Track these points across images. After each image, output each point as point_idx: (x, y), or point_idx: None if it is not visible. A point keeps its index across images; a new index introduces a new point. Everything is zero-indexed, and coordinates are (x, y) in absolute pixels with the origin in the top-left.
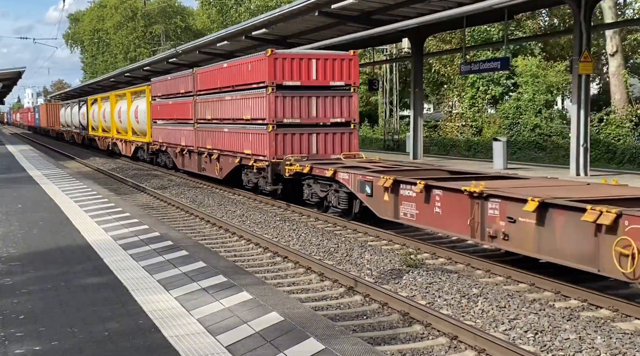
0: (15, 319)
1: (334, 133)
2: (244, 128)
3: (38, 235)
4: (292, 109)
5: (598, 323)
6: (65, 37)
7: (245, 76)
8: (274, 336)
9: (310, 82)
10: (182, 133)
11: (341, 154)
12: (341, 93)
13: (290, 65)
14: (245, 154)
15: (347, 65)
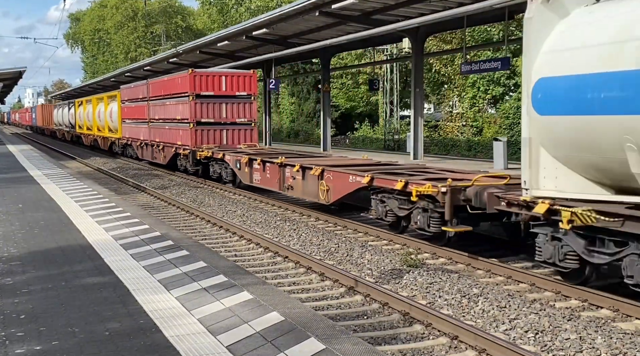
0: (16, 319)
1: (239, 129)
2: (177, 126)
3: (39, 235)
4: (207, 112)
5: (598, 323)
6: (65, 36)
7: (177, 87)
8: (275, 336)
9: (221, 92)
10: (141, 130)
11: (243, 144)
12: (244, 100)
13: (206, 80)
14: (178, 145)
15: (248, 80)
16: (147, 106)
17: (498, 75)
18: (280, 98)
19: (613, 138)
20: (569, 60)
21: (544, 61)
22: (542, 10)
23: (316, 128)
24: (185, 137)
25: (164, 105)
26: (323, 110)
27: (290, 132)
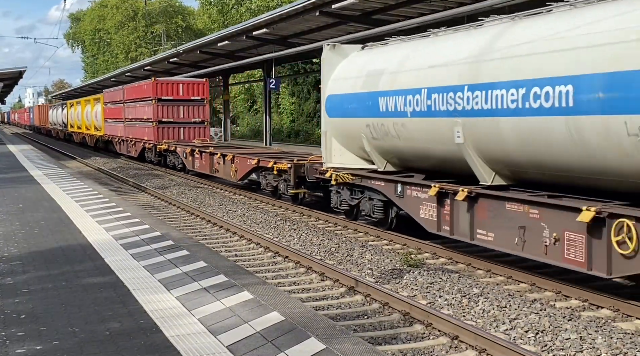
0: (16, 319)
1: (194, 127)
2: (144, 124)
3: (39, 235)
4: (167, 113)
5: (599, 323)
6: (66, 36)
7: (144, 92)
8: (275, 336)
9: (179, 97)
10: (118, 128)
11: (197, 140)
12: (198, 103)
13: (167, 86)
14: (145, 140)
15: (202, 87)
16: (122, 108)
17: None
18: (281, 98)
19: (358, 130)
20: (341, 85)
21: (331, 85)
22: (330, 54)
23: (316, 128)
24: (150, 133)
25: (135, 107)
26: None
27: (290, 132)
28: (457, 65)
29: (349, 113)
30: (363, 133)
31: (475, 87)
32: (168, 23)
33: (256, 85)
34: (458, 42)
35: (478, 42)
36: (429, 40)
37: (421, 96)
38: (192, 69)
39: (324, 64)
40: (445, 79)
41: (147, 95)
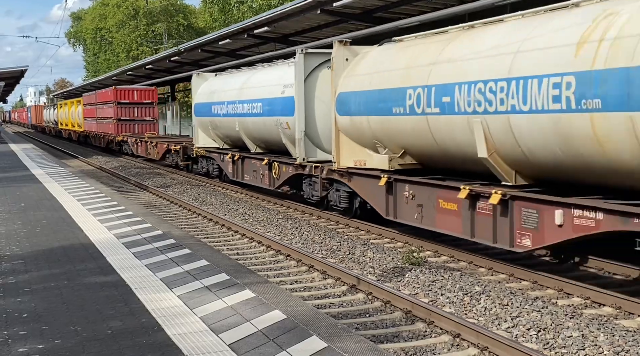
0: (18, 318)
1: (145, 123)
2: (109, 122)
3: (41, 234)
4: (125, 112)
5: (601, 320)
6: (67, 35)
7: (108, 97)
8: (277, 334)
9: (134, 100)
10: (93, 125)
11: (148, 133)
12: (148, 105)
13: (125, 92)
14: (109, 134)
15: (152, 93)
16: (95, 109)
17: None
18: None
19: (207, 124)
20: (203, 98)
21: (197, 98)
22: (196, 78)
23: None
24: (112, 128)
25: (103, 108)
26: None
27: None
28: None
29: (203, 115)
30: (210, 126)
31: None
32: (169, 22)
33: None
34: None
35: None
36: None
37: (236, 104)
38: (194, 67)
39: (193, 85)
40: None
41: (110, 99)
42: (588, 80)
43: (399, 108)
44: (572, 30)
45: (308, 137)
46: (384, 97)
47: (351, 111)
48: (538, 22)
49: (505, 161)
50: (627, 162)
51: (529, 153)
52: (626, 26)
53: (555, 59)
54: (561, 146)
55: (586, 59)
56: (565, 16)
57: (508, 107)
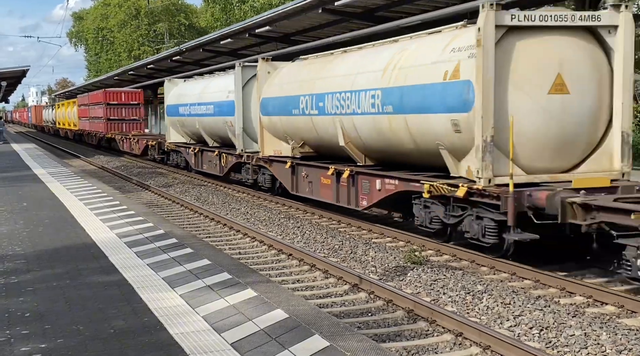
0: (20, 317)
1: (132, 123)
2: (99, 121)
3: (43, 234)
4: (114, 112)
5: (603, 319)
6: (69, 35)
7: (99, 99)
8: (279, 333)
9: (122, 101)
10: (86, 124)
11: (134, 131)
12: (135, 106)
13: (113, 94)
14: (100, 132)
15: (138, 95)
16: (88, 109)
17: None
18: None
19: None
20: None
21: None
22: (168, 84)
23: None
24: (102, 127)
25: (94, 108)
26: None
27: None
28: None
29: (172, 115)
30: (178, 124)
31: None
32: (171, 21)
33: None
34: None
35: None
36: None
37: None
38: (195, 67)
39: (166, 90)
40: None
41: (100, 101)
42: (387, 93)
43: (296, 110)
44: (382, 61)
45: (245, 132)
46: (288, 101)
47: (269, 112)
48: (370, 53)
49: (357, 148)
50: (407, 147)
51: (366, 143)
52: (404, 60)
53: (373, 79)
54: (378, 137)
55: (386, 79)
56: (383, 51)
57: (351, 110)
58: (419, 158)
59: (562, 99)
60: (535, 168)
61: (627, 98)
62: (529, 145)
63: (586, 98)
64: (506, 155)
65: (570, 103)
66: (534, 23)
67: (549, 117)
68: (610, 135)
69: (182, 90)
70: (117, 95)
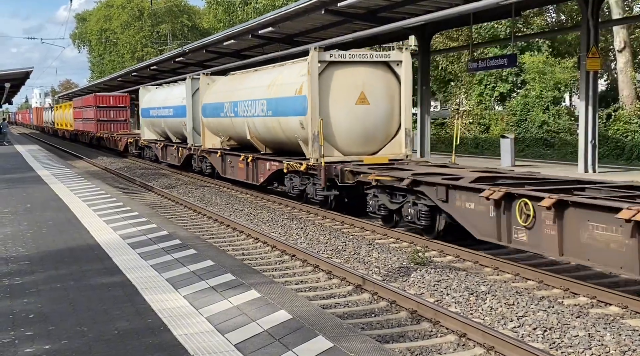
0: (25, 318)
1: (119, 123)
2: (91, 122)
3: (47, 235)
4: (104, 114)
5: (607, 320)
6: (72, 36)
7: (90, 102)
8: (283, 334)
9: (110, 104)
10: (80, 125)
11: (121, 131)
12: (122, 109)
13: (103, 98)
14: (92, 132)
15: (125, 98)
16: (82, 111)
17: (505, 72)
18: None
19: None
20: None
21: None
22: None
23: None
24: (93, 127)
25: (86, 110)
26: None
27: None
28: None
29: (145, 116)
30: (150, 124)
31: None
32: (174, 22)
33: None
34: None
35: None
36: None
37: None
38: (198, 68)
39: (140, 95)
40: None
41: (92, 104)
42: (269, 102)
43: (222, 113)
44: (268, 80)
45: (195, 130)
46: (218, 106)
47: (207, 114)
48: (263, 74)
49: (259, 140)
50: (283, 140)
51: (262, 137)
52: (279, 80)
53: (262, 92)
54: (267, 133)
55: (269, 93)
56: (270, 72)
57: (252, 114)
58: (291, 147)
59: (365, 108)
60: (349, 151)
61: (409, 108)
62: (344, 138)
63: (381, 108)
64: (330, 143)
65: (370, 111)
66: (345, 59)
67: (356, 120)
68: (400, 131)
69: (153, 96)
70: (106, 98)
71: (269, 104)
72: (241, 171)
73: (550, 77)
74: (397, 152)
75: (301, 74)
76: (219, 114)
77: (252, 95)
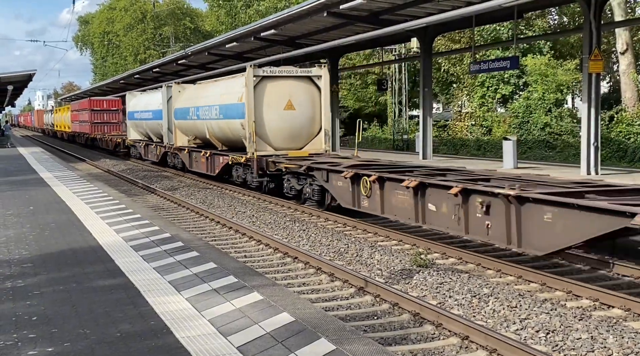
0: (27, 321)
1: (112, 125)
2: (86, 124)
3: (50, 237)
4: (97, 116)
5: (610, 322)
6: (74, 39)
7: (85, 105)
8: (285, 336)
9: (104, 108)
10: (77, 126)
11: (114, 132)
12: (114, 111)
13: (97, 102)
14: (87, 133)
15: (117, 102)
16: (78, 114)
17: (507, 74)
18: None
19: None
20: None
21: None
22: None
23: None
24: (88, 129)
25: (82, 113)
26: (332, 110)
27: None
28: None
29: (131, 118)
30: (135, 125)
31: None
32: (176, 25)
33: None
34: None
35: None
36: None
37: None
38: (201, 70)
39: (127, 99)
40: None
41: (87, 107)
42: (221, 107)
43: (189, 116)
44: (222, 89)
45: (169, 131)
46: (185, 111)
47: (178, 118)
48: (218, 83)
49: (216, 139)
50: (232, 139)
51: (217, 136)
52: (229, 89)
53: (217, 99)
54: (221, 133)
55: (221, 100)
56: (223, 82)
57: (209, 117)
58: (238, 144)
59: (291, 113)
60: (279, 147)
61: (327, 113)
62: (275, 136)
63: (305, 113)
64: (264, 141)
65: (295, 115)
66: (275, 74)
67: (284, 122)
68: (321, 132)
69: (137, 101)
70: (100, 102)
71: (220, 109)
72: (202, 164)
73: (552, 79)
74: (318, 148)
75: (242, 86)
76: (186, 117)
77: (209, 102)
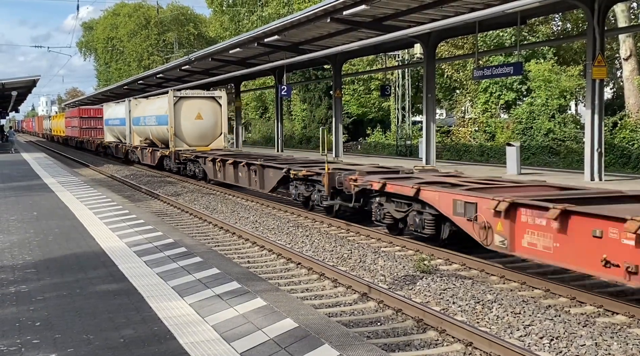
0: (31, 326)
1: (98, 130)
2: (76, 129)
3: (53, 242)
4: (87, 123)
5: (614, 329)
6: (78, 45)
7: (75, 113)
8: (289, 342)
9: (91, 115)
10: (69, 131)
11: (98, 136)
12: (99, 119)
13: (85, 110)
14: (77, 136)
15: (101, 110)
16: (70, 120)
17: (510, 80)
18: (292, 104)
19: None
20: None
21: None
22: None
23: (328, 134)
24: (78, 133)
25: (74, 120)
26: (335, 116)
27: (302, 138)
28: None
29: (107, 124)
30: (110, 130)
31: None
32: (180, 31)
33: (268, 92)
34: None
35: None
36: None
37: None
38: (204, 76)
39: (104, 109)
40: None
41: (77, 115)
42: (157, 117)
43: (140, 123)
44: (157, 103)
45: (130, 134)
46: (138, 119)
47: (134, 123)
48: (158, 100)
49: (156, 139)
50: (163, 138)
51: (156, 137)
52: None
53: (156, 111)
54: (159, 135)
55: (157, 111)
56: (159, 99)
57: (151, 123)
58: (167, 143)
59: (200, 121)
60: (192, 144)
61: (225, 121)
62: (188, 137)
63: (210, 121)
64: (181, 140)
65: (203, 123)
66: (189, 95)
67: (195, 128)
68: (221, 135)
69: (111, 110)
70: (87, 111)
71: (156, 118)
72: (148, 158)
73: (555, 85)
74: (219, 145)
75: (167, 103)
76: (139, 123)
77: (151, 113)
